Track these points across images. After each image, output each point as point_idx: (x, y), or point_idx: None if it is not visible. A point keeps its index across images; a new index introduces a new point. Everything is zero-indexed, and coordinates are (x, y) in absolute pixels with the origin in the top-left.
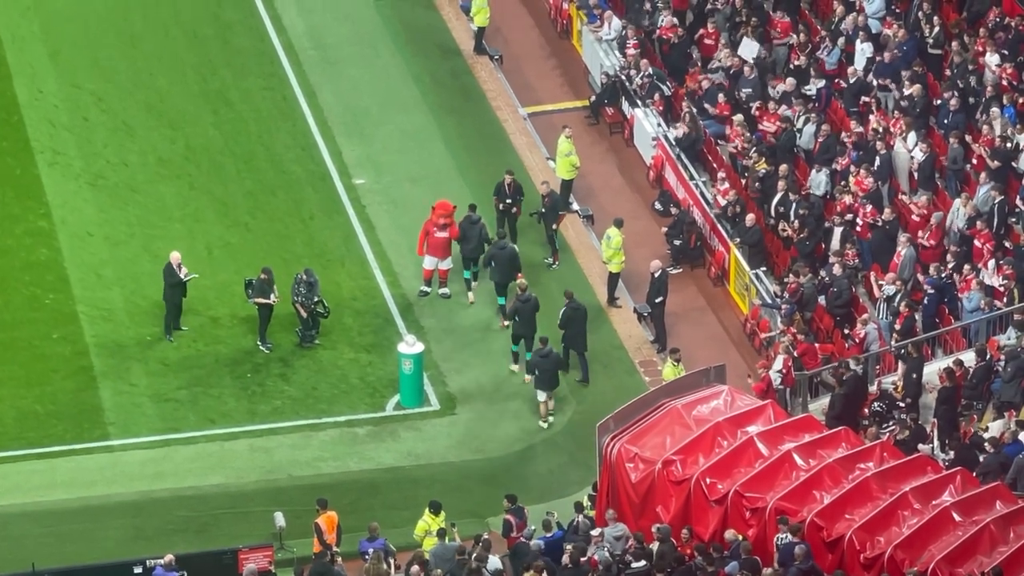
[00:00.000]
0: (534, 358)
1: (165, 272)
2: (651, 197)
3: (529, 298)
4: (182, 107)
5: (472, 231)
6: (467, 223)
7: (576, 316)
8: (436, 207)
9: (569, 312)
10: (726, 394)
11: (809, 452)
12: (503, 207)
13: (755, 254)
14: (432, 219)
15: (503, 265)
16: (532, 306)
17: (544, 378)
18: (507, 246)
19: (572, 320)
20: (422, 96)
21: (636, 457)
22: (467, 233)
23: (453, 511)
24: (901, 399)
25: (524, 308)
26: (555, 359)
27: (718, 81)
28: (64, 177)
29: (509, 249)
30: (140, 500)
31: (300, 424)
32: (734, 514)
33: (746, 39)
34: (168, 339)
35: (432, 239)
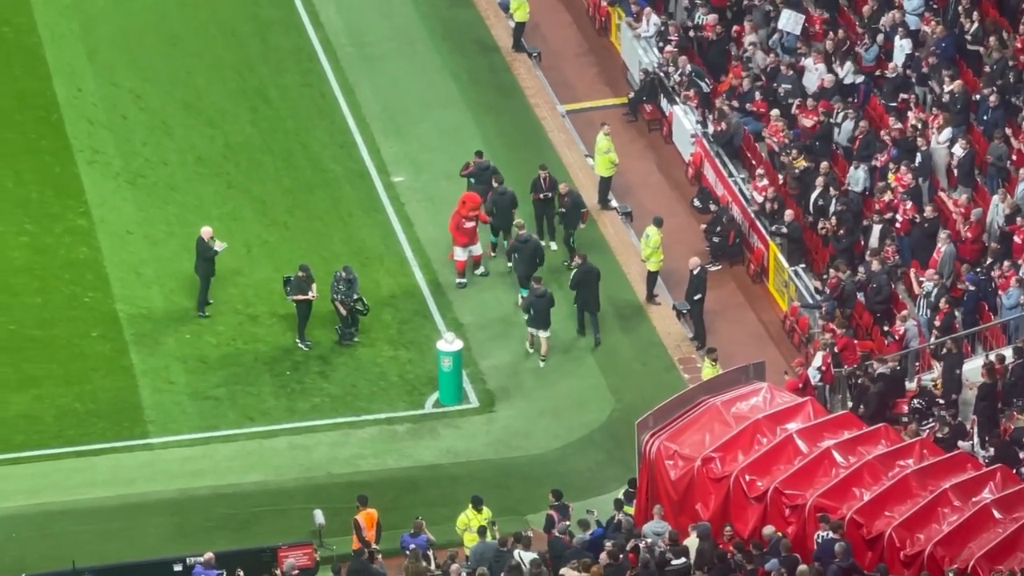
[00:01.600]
0: (530, 297)
1: (198, 246)
2: (690, 194)
3: (528, 238)
4: (220, 105)
5: (483, 177)
6: (477, 169)
7: (588, 278)
8: (467, 200)
9: (580, 274)
10: (765, 391)
11: (849, 449)
12: (543, 198)
13: (794, 251)
14: (462, 212)
15: (527, 258)
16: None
17: (539, 317)
18: (530, 238)
19: (584, 281)
20: (460, 93)
21: (675, 454)
22: (477, 177)
23: (492, 508)
24: (941, 396)
25: (524, 249)
26: (549, 298)
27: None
28: (103, 176)
29: (532, 242)
30: (180, 498)
31: (339, 422)
32: (773, 511)
33: (786, 10)
34: (200, 315)
35: (462, 229)
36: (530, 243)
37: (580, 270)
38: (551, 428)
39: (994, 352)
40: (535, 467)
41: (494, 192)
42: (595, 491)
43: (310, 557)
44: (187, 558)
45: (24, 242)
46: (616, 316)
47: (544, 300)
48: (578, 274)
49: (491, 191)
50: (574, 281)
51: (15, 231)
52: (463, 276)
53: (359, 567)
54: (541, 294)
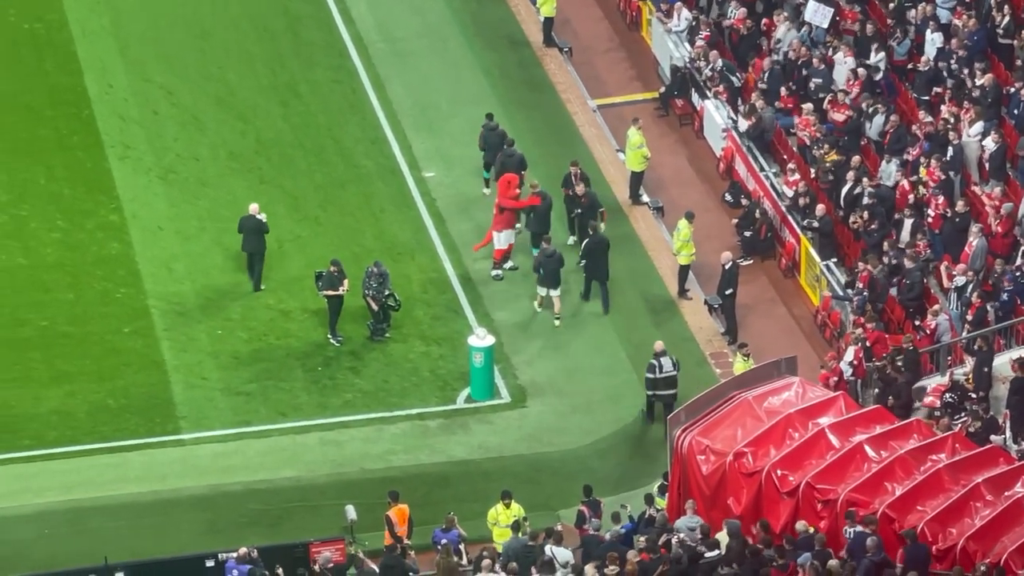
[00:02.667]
0: (539, 257)
1: (248, 223)
2: (721, 188)
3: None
4: (252, 100)
5: (492, 138)
6: (487, 131)
7: (598, 248)
8: (511, 181)
9: (591, 244)
10: (797, 386)
11: (881, 444)
12: (572, 195)
13: (825, 245)
14: (506, 193)
15: (551, 271)
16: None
17: (549, 276)
18: (555, 253)
19: (594, 251)
20: (491, 89)
21: (707, 449)
22: (488, 141)
23: (524, 504)
24: (973, 390)
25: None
26: (559, 258)
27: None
28: (135, 171)
29: (557, 256)
30: (212, 494)
31: (371, 417)
32: (805, 506)
33: (812, 2)
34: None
35: (507, 213)
36: (555, 257)
37: (591, 240)
38: (583, 423)
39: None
40: (567, 462)
41: (502, 154)
42: (627, 486)
43: (342, 553)
44: (219, 554)
45: (56, 238)
46: (648, 311)
47: (553, 260)
48: (589, 244)
49: (500, 153)
50: (584, 251)
51: (47, 227)
52: (499, 267)
53: (391, 563)
54: (550, 254)
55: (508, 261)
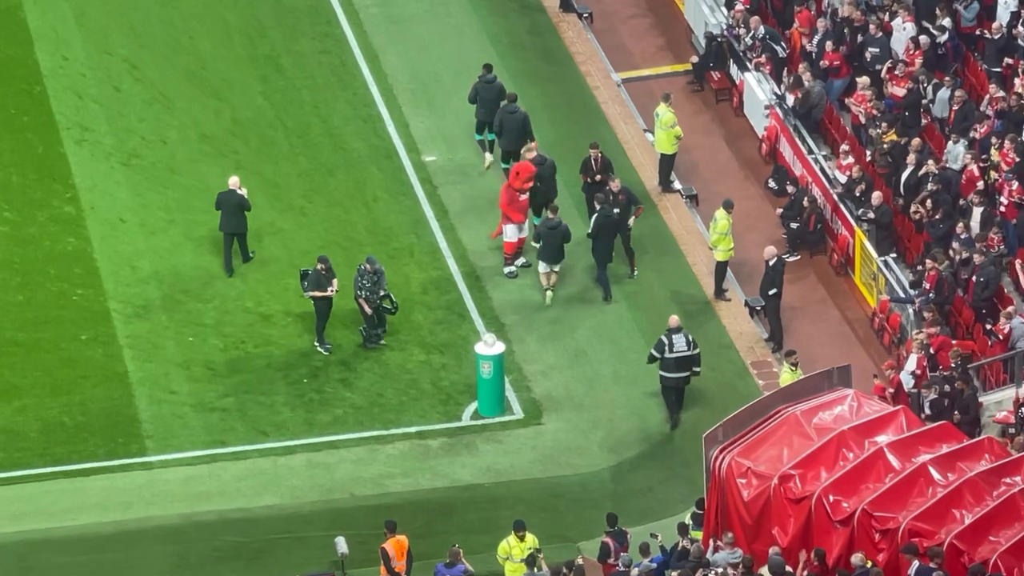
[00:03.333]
0: (541, 227)
1: (228, 199)
2: (764, 174)
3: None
4: (227, 75)
5: (488, 92)
6: (482, 83)
7: (608, 224)
8: (519, 171)
9: (601, 219)
10: (851, 399)
11: (947, 465)
12: (591, 182)
13: (883, 238)
14: (514, 184)
15: (553, 245)
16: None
17: (548, 250)
18: (559, 224)
19: (604, 228)
20: (500, 60)
21: (749, 472)
22: (483, 95)
23: (540, 535)
24: None
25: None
26: (563, 231)
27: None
28: (93, 156)
29: (562, 228)
30: (183, 524)
31: (364, 436)
32: (861, 536)
33: None
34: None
35: (517, 204)
36: (559, 229)
37: (600, 215)
38: (606, 442)
39: None
40: (588, 487)
41: (502, 110)
42: (657, 514)
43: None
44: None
45: (3, 232)
46: (680, 314)
47: (557, 232)
48: (599, 220)
49: (499, 109)
50: (595, 229)
51: None
52: (513, 263)
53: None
54: (554, 225)
55: (521, 257)
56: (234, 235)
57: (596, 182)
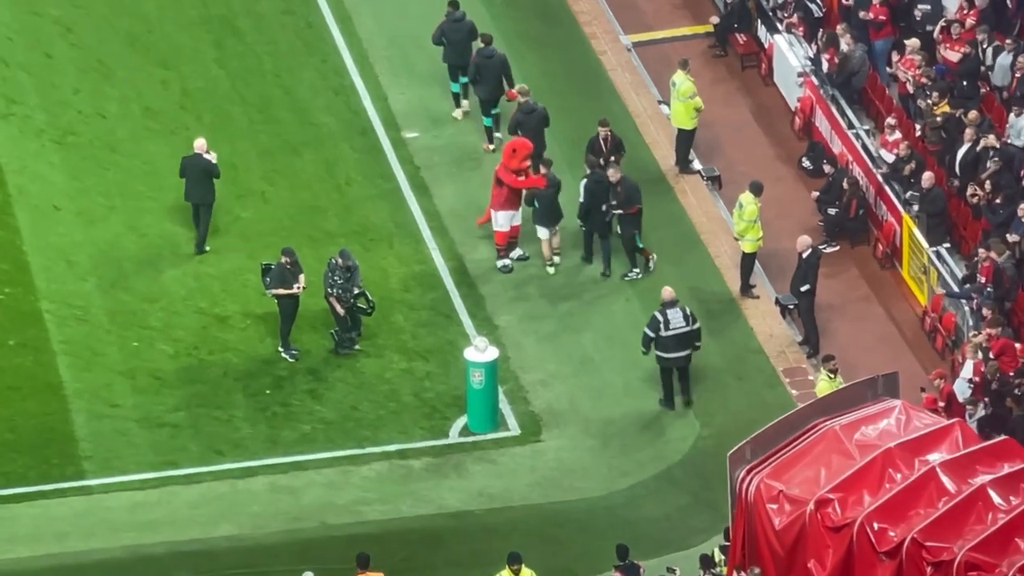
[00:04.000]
0: (518, 116)
1: (195, 164)
2: (797, 151)
3: (534, 108)
4: (176, 39)
5: (456, 32)
6: (448, 23)
7: (599, 189)
8: (516, 148)
9: (591, 185)
10: (899, 411)
11: (1010, 487)
12: (603, 164)
13: (936, 225)
14: (511, 164)
15: (548, 205)
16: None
17: (545, 212)
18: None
19: (596, 194)
20: (492, 21)
21: (781, 495)
22: (450, 36)
23: (539, 569)
24: None
25: (528, 120)
26: (558, 188)
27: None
28: (22, 134)
29: (539, 111)
30: (127, 558)
31: (336, 456)
32: (911, 569)
33: None
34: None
35: (511, 190)
36: (536, 113)
37: (591, 180)
38: (616, 463)
39: None
40: (595, 514)
41: (478, 54)
42: (676, 545)
43: None
44: None
45: None
46: (701, 313)
47: (552, 190)
48: (589, 185)
49: (475, 54)
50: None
51: None
52: (507, 255)
53: None
54: (530, 110)
55: (516, 248)
56: (200, 206)
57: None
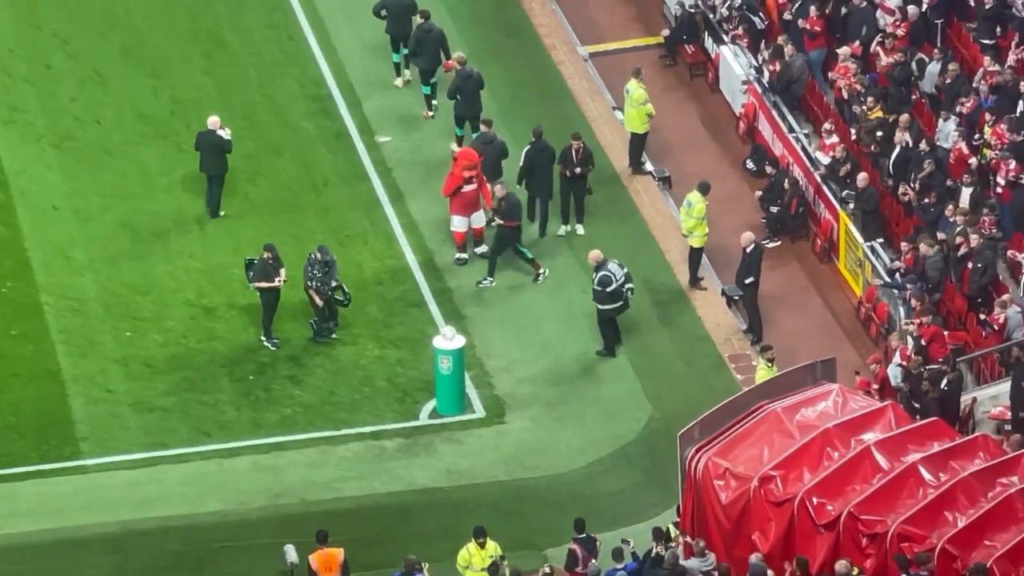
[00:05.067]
0: (476, 143)
1: (208, 139)
2: (742, 154)
3: (471, 74)
4: (166, 51)
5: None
6: None
7: (539, 157)
8: (460, 157)
9: (534, 153)
10: (836, 394)
11: (939, 464)
12: (570, 175)
13: (870, 222)
14: (455, 171)
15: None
16: (475, 83)
17: (486, 166)
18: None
19: (536, 161)
20: (459, 34)
21: (727, 473)
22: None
23: (503, 542)
24: None
25: (466, 85)
26: (499, 146)
27: None
28: (23, 139)
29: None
30: (121, 532)
31: (315, 437)
32: (847, 541)
33: None
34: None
35: (459, 195)
36: (473, 78)
37: (533, 148)
38: (574, 442)
39: None
40: (555, 490)
41: (418, 29)
42: (630, 519)
43: None
44: None
45: None
46: (653, 304)
47: (493, 147)
48: (531, 152)
49: (415, 29)
50: (526, 163)
51: None
52: (463, 250)
53: None
54: (489, 140)
55: (483, 245)
56: (212, 177)
57: (576, 175)
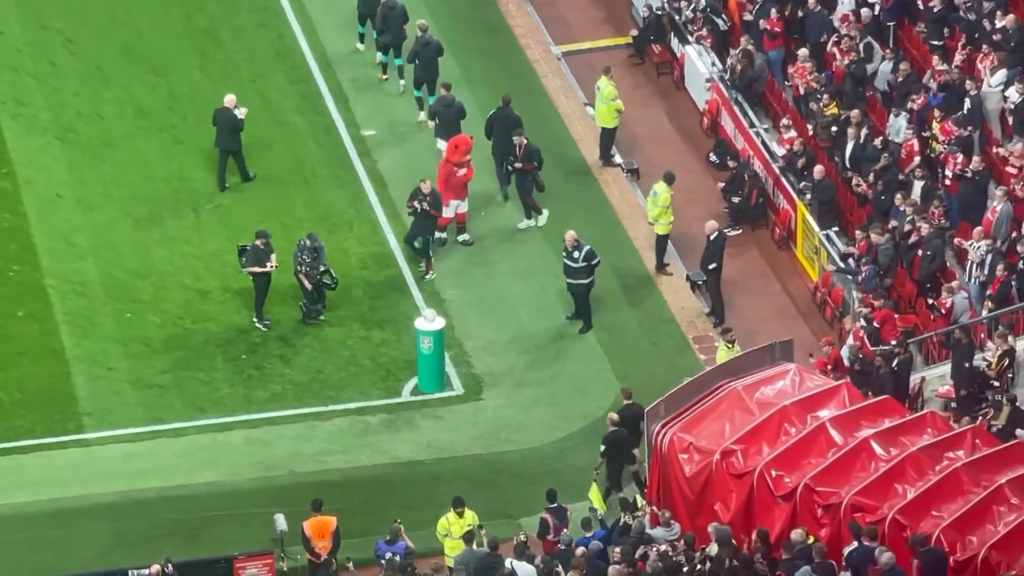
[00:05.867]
0: (436, 106)
1: (223, 116)
2: (705, 147)
3: (429, 40)
4: (164, 49)
5: None
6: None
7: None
8: (457, 144)
9: (494, 118)
10: (793, 373)
11: (890, 439)
12: (512, 169)
13: (826, 212)
14: (453, 158)
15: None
16: (434, 49)
17: (444, 128)
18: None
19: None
20: (440, 33)
21: (690, 447)
22: None
23: (480, 511)
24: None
25: (425, 52)
26: (458, 108)
27: None
28: (29, 131)
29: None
30: (121, 501)
31: (304, 413)
32: (804, 511)
33: None
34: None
35: (453, 179)
36: (454, 106)
37: (496, 114)
38: (547, 418)
39: None
40: (529, 463)
41: (383, 6)
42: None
43: (270, 568)
44: (129, 570)
45: None
46: (621, 288)
47: (452, 109)
48: (493, 117)
49: (380, 5)
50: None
51: None
52: (444, 231)
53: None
54: (448, 102)
55: (463, 234)
56: (228, 152)
57: (517, 171)
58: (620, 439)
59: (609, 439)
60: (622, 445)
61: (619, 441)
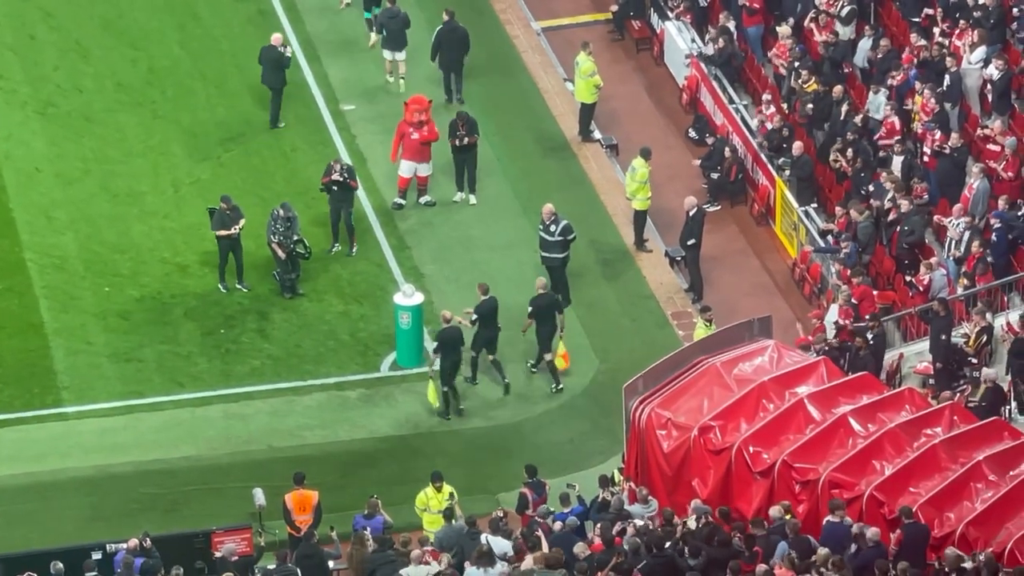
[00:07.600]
0: (382, 17)
1: (269, 54)
2: (684, 123)
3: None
4: (144, 23)
5: None
6: None
7: (449, 38)
8: (410, 102)
9: (441, 35)
10: (772, 350)
11: (868, 416)
12: (459, 144)
13: (804, 188)
14: (407, 117)
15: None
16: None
17: (392, 38)
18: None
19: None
20: (419, 8)
21: (668, 423)
22: None
23: (459, 486)
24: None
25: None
26: (403, 18)
27: None
28: (8, 105)
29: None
30: (98, 475)
31: (281, 387)
32: (781, 488)
33: None
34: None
35: (408, 141)
36: (399, 17)
37: (441, 30)
38: (526, 394)
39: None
40: (507, 438)
41: None
42: (577, 466)
43: (248, 543)
44: (107, 544)
45: None
46: (599, 263)
47: (398, 20)
48: (440, 34)
49: None
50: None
51: None
52: (403, 196)
53: (308, 551)
54: (393, 14)
55: (424, 196)
56: (272, 89)
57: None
58: (455, 336)
59: (442, 335)
60: (458, 342)
61: (454, 338)
